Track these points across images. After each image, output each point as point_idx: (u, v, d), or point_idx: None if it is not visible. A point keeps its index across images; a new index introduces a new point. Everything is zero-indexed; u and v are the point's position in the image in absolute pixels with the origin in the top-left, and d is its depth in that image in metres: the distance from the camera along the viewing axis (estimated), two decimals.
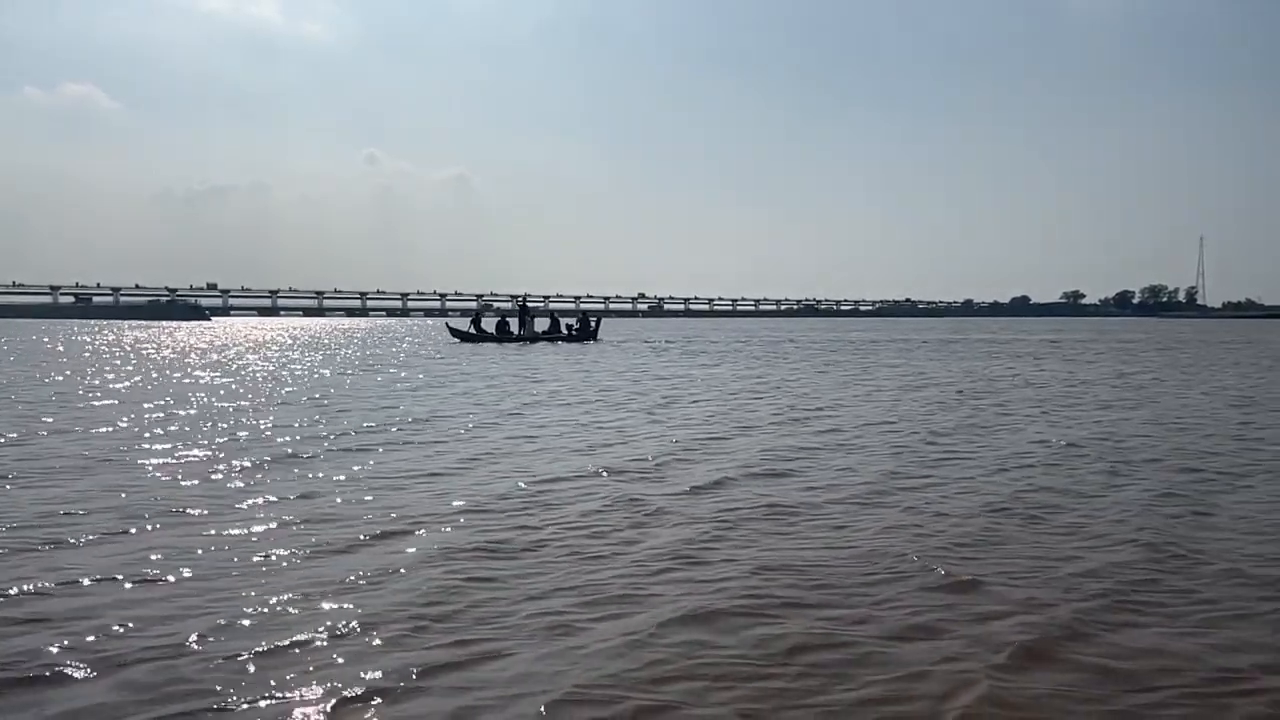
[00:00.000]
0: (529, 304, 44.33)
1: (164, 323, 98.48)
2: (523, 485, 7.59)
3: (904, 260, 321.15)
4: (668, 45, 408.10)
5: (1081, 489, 7.55)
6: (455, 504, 6.88)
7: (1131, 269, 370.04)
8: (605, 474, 8.19)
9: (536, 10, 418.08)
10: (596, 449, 9.72)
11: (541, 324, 42.04)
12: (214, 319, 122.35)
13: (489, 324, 41.43)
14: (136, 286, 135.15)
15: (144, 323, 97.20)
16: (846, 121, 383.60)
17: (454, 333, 41.46)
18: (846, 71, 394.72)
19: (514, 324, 40.91)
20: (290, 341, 45.63)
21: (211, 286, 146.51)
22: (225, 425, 11.51)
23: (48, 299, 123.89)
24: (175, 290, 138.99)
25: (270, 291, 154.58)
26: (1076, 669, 3.86)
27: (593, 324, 42.33)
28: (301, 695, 3.59)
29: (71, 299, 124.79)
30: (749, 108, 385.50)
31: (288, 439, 10.31)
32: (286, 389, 17.20)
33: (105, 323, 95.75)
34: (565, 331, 41.33)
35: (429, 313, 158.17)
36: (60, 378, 19.76)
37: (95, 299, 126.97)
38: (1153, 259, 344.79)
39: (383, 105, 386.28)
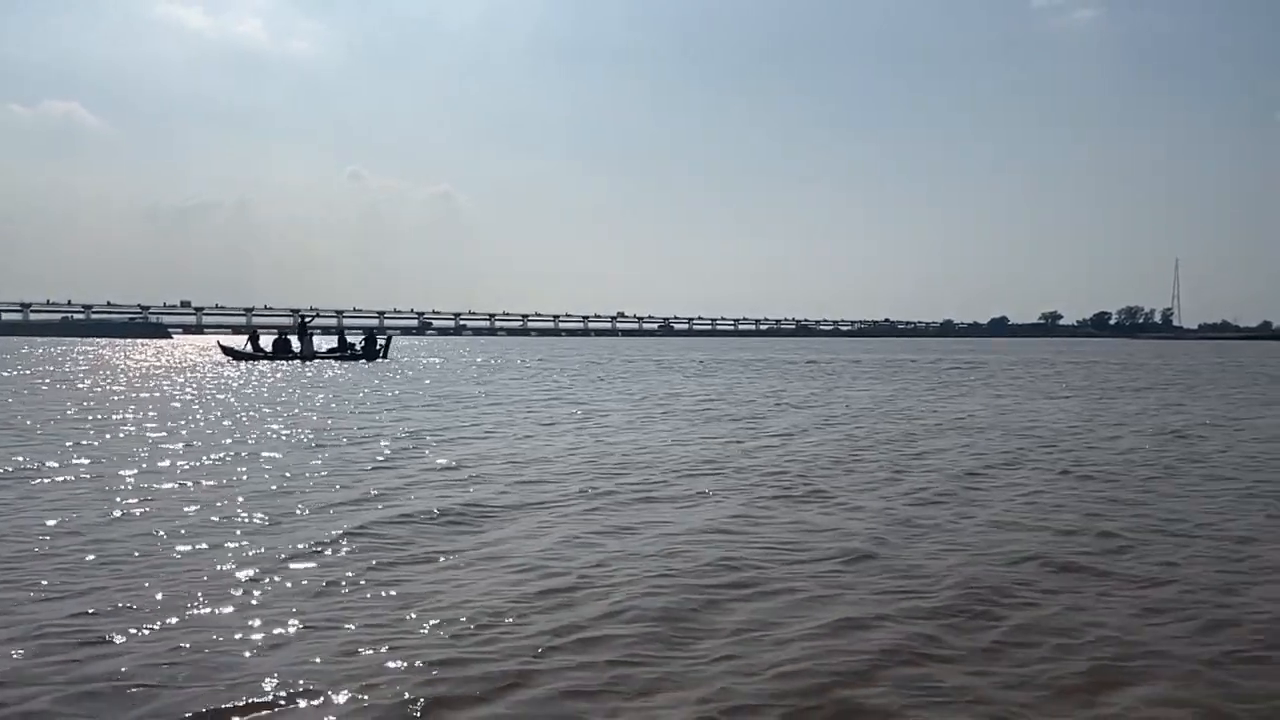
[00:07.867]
0: (307, 321, 43.67)
1: (122, 341, 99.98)
2: None
3: (887, 281, 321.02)
4: (652, 65, 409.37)
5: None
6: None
7: (1110, 291, 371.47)
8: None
9: (523, 27, 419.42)
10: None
11: (327, 342, 42.21)
12: (186, 336, 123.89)
13: (267, 342, 40.92)
14: (109, 304, 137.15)
15: (108, 341, 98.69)
16: (827, 141, 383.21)
17: (226, 351, 41.00)
18: (825, 91, 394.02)
19: (295, 342, 40.24)
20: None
21: (185, 304, 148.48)
22: None
23: (18, 316, 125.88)
24: (148, 308, 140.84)
25: (245, 309, 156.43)
26: None
27: (380, 343, 41.93)
28: None
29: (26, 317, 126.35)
30: (731, 128, 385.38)
31: None
32: None
33: (69, 341, 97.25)
34: (351, 350, 40.71)
35: (406, 330, 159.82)
36: None
37: (67, 316, 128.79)
38: (1131, 281, 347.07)
39: (368, 122, 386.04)
